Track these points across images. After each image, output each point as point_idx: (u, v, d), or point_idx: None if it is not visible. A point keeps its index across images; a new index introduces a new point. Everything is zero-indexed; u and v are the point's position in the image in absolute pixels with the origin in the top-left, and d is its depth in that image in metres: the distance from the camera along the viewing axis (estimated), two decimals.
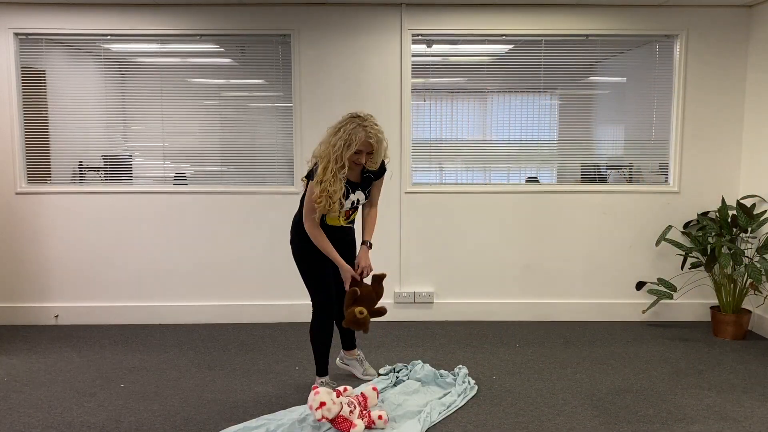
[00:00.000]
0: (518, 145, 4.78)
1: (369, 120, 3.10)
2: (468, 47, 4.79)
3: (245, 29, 4.58)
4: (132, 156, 4.73)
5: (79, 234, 4.67)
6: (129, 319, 4.71)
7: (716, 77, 4.67)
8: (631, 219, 4.77)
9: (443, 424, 3.00)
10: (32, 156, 4.66)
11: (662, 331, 4.53)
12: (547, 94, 4.77)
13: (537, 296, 4.81)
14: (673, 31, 4.64)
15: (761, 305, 4.50)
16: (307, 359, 3.91)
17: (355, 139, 3.03)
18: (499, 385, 3.49)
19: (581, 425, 2.99)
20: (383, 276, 3.35)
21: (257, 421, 2.98)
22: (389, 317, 4.78)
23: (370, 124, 3.08)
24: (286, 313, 4.76)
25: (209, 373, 3.69)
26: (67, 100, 4.63)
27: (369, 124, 3.07)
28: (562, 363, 3.86)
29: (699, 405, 3.23)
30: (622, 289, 4.81)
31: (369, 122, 3.08)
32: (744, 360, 3.93)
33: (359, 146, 3.05)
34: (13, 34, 4.53)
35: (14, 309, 4.70)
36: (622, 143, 4.83)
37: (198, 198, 4.70)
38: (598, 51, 4.74)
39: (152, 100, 4.66)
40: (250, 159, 4.74)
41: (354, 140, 3.03)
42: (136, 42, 4.68)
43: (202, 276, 4.73)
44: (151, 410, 3.17)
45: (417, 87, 4.72)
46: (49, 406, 3.22)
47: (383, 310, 3.32)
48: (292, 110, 4.66)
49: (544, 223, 4.77)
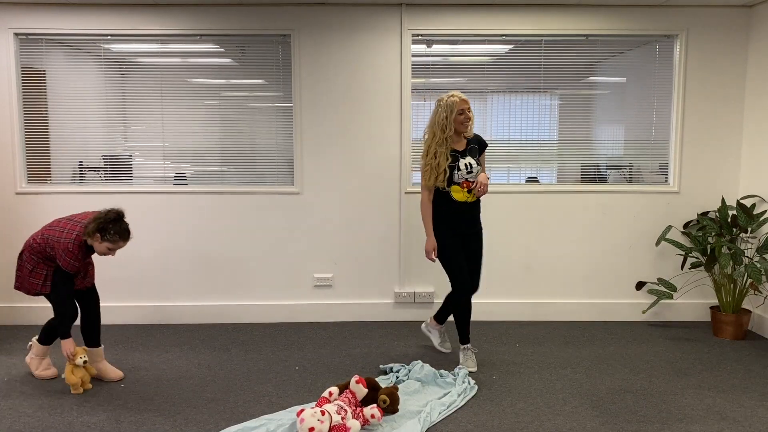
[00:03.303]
0: (518, 145, 4.79)
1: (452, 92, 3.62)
2: (468, 47, 4.79)
3: (245, 29, 4.58)
4: (132, 156, 4.73)
5: None
6: (129, 319, 4.70)
7: (716, 77, 4.67)
8: (631, 219, 4.77)
9: (443, 424, 3.00)
10: (32, 156, 4.66)
11: (662, 331, 4.53)
12: (547, 94, 4.77)
13: (537, 296, 4.81)
14: (673, 31, 4.64)
15: (761, 305, 4.50)
16: (307, 359, 3.92)
17: (453, 103, 3.56)
18: (499, 385, 3.49)
19: (581, 425, 3.00)
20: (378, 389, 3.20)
21: (257, 421, 2.98)
22: (389, 317, 4.80)
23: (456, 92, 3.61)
24: (286, 313, 4.77)
25: (209, 373, 3.69)
26: (67, 100, 4.64)
27: (455, 92, 3.60)
28: (562, 363, 3.86)
29: (699, 405, 3.23)
30: (622, 289, 4.81)
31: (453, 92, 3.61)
32: (744, 360, 3.93)
33: (459, 106, 3.57)
34: (13, 34, 4.53)
35: (14, 309, 4.70)
36: (622, 143, 4.83)
37: (198, 198, 4.70)
38: (598, 51, 4.74)
39: (152, 100, 4.66)
40: (250, 159, 4.74)
41: (454, 105, 3.56)
42: (136, 42, 4.68)
43: (202, 276, 4.73)
44: (151, 410, 3.17)
45: (417, 87, 4.72)
46: (50, 406, 3.22)
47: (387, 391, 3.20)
48: (292, 110, 4.67)
49: (544, 223, 4.77)
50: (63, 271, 3.33)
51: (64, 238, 3.29)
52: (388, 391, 3.11)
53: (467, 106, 3.60)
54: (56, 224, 3.40)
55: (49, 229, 3.39)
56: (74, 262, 3.30)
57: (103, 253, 3.34)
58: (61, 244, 3.28)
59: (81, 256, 3.33)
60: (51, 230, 3.37)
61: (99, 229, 3.25)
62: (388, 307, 4.80)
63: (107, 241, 3.28)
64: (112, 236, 3.28)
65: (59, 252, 3.28)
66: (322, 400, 3.02)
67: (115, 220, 3.30)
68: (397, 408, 3.12)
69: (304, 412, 2.78)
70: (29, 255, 3.43)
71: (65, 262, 3.29)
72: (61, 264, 3.30)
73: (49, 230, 3.37)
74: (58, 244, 3.29)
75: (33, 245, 3.41)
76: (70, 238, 3.29)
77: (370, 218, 4.73)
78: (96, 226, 3.26)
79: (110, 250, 3.33)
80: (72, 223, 3.37)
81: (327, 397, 3.03)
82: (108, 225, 3.27)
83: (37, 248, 3.39)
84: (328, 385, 3.29)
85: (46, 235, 3.36)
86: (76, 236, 3.30)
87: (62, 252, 3.28)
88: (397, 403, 3.12)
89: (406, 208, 4.73)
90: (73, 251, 3.28)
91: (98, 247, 3.31)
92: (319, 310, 4.78)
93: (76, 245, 3.29)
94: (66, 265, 3.29)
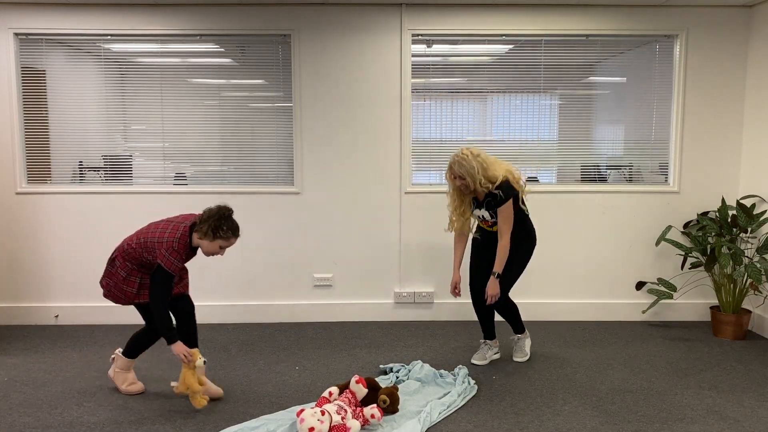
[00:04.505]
0: (518, 145, 4.79)
1: (461, 151, 3.56)
2: (468, 47, 4.79)
3: (245, 29, 4.58)
4: (132, 156, 4.73)
5: (79, 234, 4.67)
6: (129, 319, 4.69)
7: (716, 77, 4.67)
8: (631, 219, 4.77)
9: (443, 424, 3.00)
10: (32, 156, 4.66)
11: (662, 331, 4.53)
12: (547, 94, 4.77)
13: (537, 296, 4.81)
14: (673, 31, 4.64)
15: (761, 305, 4.50)
16: (308, 359, 3.92)
17: (449, 167, 3.59)
18: (499, 385, 3.49)
19: (581, 425, 2.99)
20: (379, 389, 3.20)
21: (257, 421, 2.98)
22: (389, 317, 4.80)
23: (458, 155, 3.54)
24: (286, 313, 4.77)
25: (209, 373, 3.68)
26: (67, 100, 4.64)
27: (458, 155, 3.55)
28: (562, 363, 3.86)
29: (699, 405, 3.23)
30: (622, 289, 4.81)
31: (458, 152, 3.56)
32: (744, 360, 3.93)
33: (450, 171, 3.58)
34: (13, 34, 4.53)
35: (14, 309, 4.70)
36: (622, 143, 4.83)
37: (198, 198, 4.69)
38: (598, 51, 4.74)
39: (152, 100, 4.66)
40: (250, 159, 4.74)
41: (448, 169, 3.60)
42: (136, 42, 4.68)
43: (201, 276, 4.72)
44: (151, 410, 3.17)
45: (417, 87, 4.72)
46: (49, 406, 3.22)
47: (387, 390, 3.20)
48: (292, 110, 4.67)
49: (544, 223, 4.75)
50: (164, 274, 3.15)
51: (167, 238, 3.15)
52: (388, 391, 3.11)
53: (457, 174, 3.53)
54: (154, 227, 3.25)
55: (146, 232, 3.23)
56: (178, 262, 3.15)
57: (213, 252, 3.22)
58: (164, 244, 3.14)
59: (185, 256, 3.21)
60: (149, 233, 3.22)
61: (213, 227, 3.14)
62: (388, 307, 4.80)
63: (220, 238, 3.16)
64: (224, 233, 3.16)
65: (162, 252, 3.13)
66: (322, 400, 3.02)
67: (227, 217, 3.18)
68: (397, 408, 3.12)
69: (304, 412, 2.78)
70: (123, 261, 3.26)
71: (168, 263, 3.12)
72: (164, 264, 3.12)
73: (147, 233, 3.22)
74: (160, 245, 3.15)
75: (128, 250, 3.25)
76: (174, 237, 3.15)
77: (370, 218, 4.73)
78: (210, 225, 3.13)
79: (221, 248, 3.22)
80: (173, 224, 3.23)
81: (327, 397, 3.03)
82: (221, 223, 3.15)
83: (132, 254, 3.23)
84: (328, 385, 3.29)
85: (143, 239, 3.21)
86: (181, 236, 3.16)
87: (166, 252, 3.12)
88: (397, 403, 3.12)
89: (406, 208, 4.73)
90: (178, 251, 3.14)
91: (209, 246, 3.19)
92: (319, 310, 4.78)
93: (182, 245, 3.16)
94: (169, 266, 3.13)
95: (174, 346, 3.17)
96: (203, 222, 3.17)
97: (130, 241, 3.27)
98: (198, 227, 3.18)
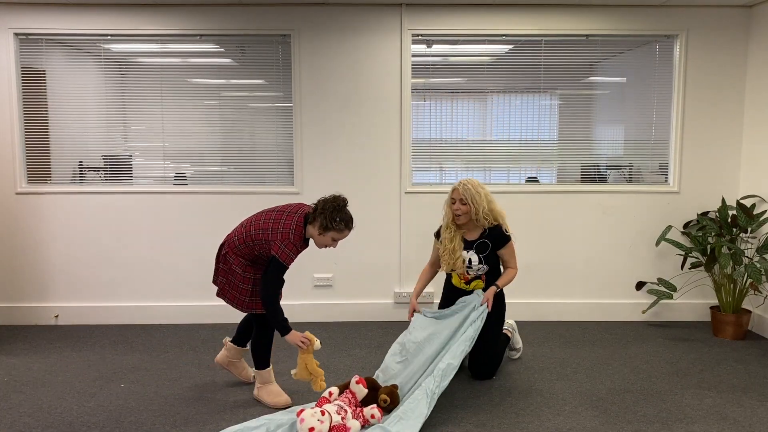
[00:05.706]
0: (518, 145, 4.79)
1: (466, 179, 3.53)
2: (468, 47, 4.79)
3: (245, 29, 4.58)
4: (132, 156, 4.73)
5: (79, 234, 4.67)
6: (129, 319, 4.71)
7: (716, 77, 4.67)
8: (631, 219, 4.77)
9: (443, 424, 3.00)
10: (32, 156, 4.66)
11: (662, 331, 4.53)
12: (547, 94, 4.78)
13: (537, 296, 4.81)
14: (673, 31, 4.64)
15: (761, 305, 4.50)
16: None
17: (452, 190, 3.52)
18: (499, 385, 3.49)
19: (581, 425, 2.99)
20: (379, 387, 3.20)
21: (257, 421, 2.98)
22: (389, 317, 4.80)
23: (464, 180, 3.51)
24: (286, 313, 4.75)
25: (209, 373, 3.69)
26: (67, 100, 4.64)
27: (463, 180, 3.51)
28: (562, 363, 3.86)
29: (699, 405, 3.23)
30: (622, 289, 4.82)
31: (465, 180, 3.51)
32: (744, 360, 3.93)
33: (452, 194, 3.51)
34: (13, 34, 4.53)
35: (14, 309, 4.70)
36: (622, 143, 4.83)
37: (198, 198, 4.70)
38: (598, 51, 4.74)
39: (152, 100, 4.66)
40: (250, 159, 4.74)
41: (451, 191, 3.52)
42: (136, 42, 4.68)
43: (202, 276, 4.72)
44: (151, 410, 3.17)
45: (417, 87, 4.72)
46: (49, 406, 3.22)
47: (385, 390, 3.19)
48: (292, 110, 4.67)
49: (544, 223, 4.77)
50: (278, 267, 3.04)
51: (282, 229, 3.04)
52: (387, 391, 3.11)
53: (459, 197, 3.46)
54: (266, 216, 3.13)
55: (257, 223, 3.11)
56: (293, 254, 3.05)
57: (325, 245, 3.13)
58: (280, 235, 3.03)
59: (300, 248, 3.10)
60: (260, 224, 3.10)
61: (327, 219, 3.04)
62: (388, 307, 4.80)
63: (333, 230, 3.06)
64: (337, 224, 3.05)
65: (278, 244, 3.02)
66: (322, 400, 3.02)
67: (341, 208, 3.08)
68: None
69: (304, 412, 2.78)
70: (236, 257, 3.16)
71: (284, 255, 3.02)
72: (280, 257, 3.01)
73: (258, 225, 3.11)
74: (275, 235, 3.03)
75: (238, 245, 3.14)
76: (290, 229, 3.04)
77: (370, 218, 4.72)
78: (326, 217, 3.04)
79: (334, 240, 3.12)
80: (286, 214, 3.11)
81: (327, 397, 3.03)
82: (335, 214, 3.04)
83: (243, 249, 3.14)
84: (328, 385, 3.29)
85: (253, 231, 3.10)
86: (296, 226, 3.05)
87: (282, 243, 3.02)
88: (397, 402, 3.12)
89: (406, 208, 4.73)
90: (294, 242, 3.04)
91: (322, 239, 3.10)
92: (319, 310, 4.78)
93: (298, 236, 3.06)
94: (285, 258, 3.02)
95: (289, 336, 3.12)
96: (319, 213, 3.08)
97: (239, 235, 3.16)
98: (312, 218, 3.09)
